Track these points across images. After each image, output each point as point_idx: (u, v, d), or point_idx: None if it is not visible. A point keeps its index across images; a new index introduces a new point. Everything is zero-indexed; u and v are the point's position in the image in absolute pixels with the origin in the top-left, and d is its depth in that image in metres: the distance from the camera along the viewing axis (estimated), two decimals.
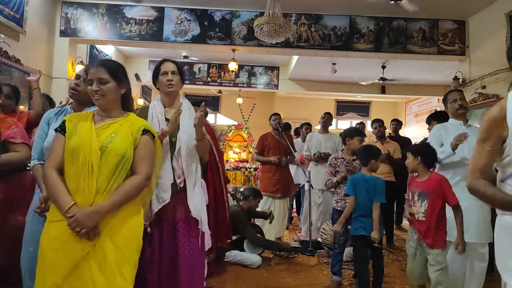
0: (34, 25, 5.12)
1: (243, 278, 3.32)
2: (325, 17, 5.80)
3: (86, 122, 1.64)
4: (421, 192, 2.49)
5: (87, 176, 1.52)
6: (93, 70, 1.67)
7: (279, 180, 4.54)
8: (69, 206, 1.48)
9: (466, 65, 5.76)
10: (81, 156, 1.53)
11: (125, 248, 1.56)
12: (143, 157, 1.65)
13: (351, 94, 9.91)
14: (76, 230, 1.46)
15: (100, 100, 1.65)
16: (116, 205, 1.54)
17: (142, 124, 1.71)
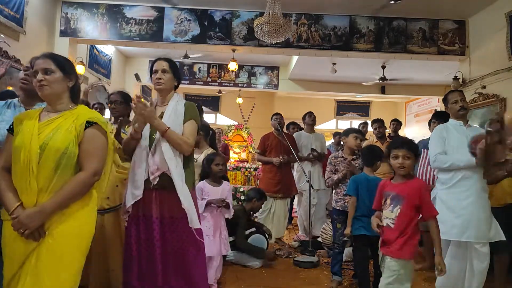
0: (34, 25, 5.12)
1: (243, 278, 3.32)
2: (325, 17, 5.80)
3: (31, 120, 1.58)
4: (396, 196, 2.20)
5: (28, 176, 1.48)
6: (39, 60, 1.63)
7: (280, 180, 4.54)
8: (13, 208, 1.47)
9: (466, 65, 5.76)
10: (22, 155, 1.49)
11: (68, 249, 1.51)
12: (89, 152, 1.57)
13: (351, 94, 9.91)
14: (19, 231, 1.44)
15: (44, 91, 1.59)
16: (59, 204, 1.49)
17: (88, 116, 1.61)
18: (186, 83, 8.74)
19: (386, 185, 2.31)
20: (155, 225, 2.05)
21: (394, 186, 2.25)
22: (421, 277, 3.52)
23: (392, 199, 2.20)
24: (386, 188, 2.28)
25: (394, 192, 2.21)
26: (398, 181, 2.25)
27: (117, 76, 7.92)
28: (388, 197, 2.23)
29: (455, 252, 2.68)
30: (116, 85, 7.45)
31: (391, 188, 2.25)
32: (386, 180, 2.35)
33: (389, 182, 2.31)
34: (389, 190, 2.25)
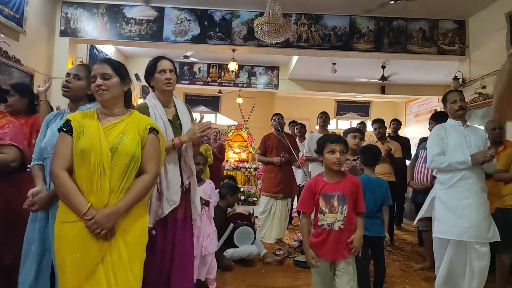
0: (34, 25, 5.12)
1: (243, 278, 3.33)
2: (325, 17, 5.80)
3: (93, 122, 1.63)
4: (341, 196, 2.11)
5: (99, 177, 1.53)
6: (97, 66, 1.69)
7: (281, 180, 4.54)
8: (86, 208, 1.49)
9: (466, 65, 5.76)
10: (93, 158, 1.53)
11: (136, 246, 1.61)
12: (151, 156, 1.67)
13: (351, 94, 9.91)
14: (96, 232, 1.48)
15: (104, 95, 1.65)
16: (131, 205, 1.57)
17: (147, 122, 1.72)
18: (186, 83, 8.74)
19: (320, 185, 2.16)
20: (178, 226, 2.13)
21: (334, 186, 2.14)
22: (421, 277, 3.52)
23: (339, 199, 2.11)
24: (324, 188, 2.14)
25: (339, 192, 2.11)
26: (335, 179, 2.16)
27: None
28: (333, 199, 2.11)
29: (455, 252, 2.69)
30: None
31: (332, 188, 2.13)
32: (317, 180, 2.19)
33: (322, 181, 2.17)
34: (330, 190, 2.12)
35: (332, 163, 2.12)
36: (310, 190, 2.18)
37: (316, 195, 2.15)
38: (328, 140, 2.16)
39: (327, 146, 2.14)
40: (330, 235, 2.12)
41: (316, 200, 2.15)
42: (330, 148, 2.13)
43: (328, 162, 2.14)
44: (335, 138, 2.18)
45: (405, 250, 4.59)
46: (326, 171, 2.20)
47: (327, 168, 2.18)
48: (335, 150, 2.11)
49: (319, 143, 2.19)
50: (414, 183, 3.89)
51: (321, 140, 2.20)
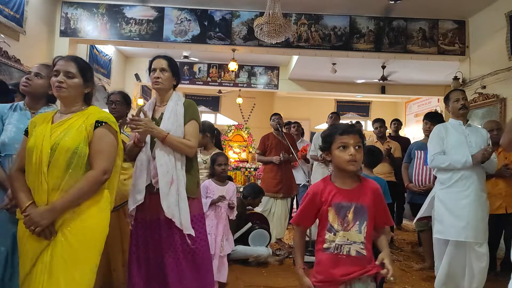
0: (34, 25, 5.12)
1: (243, 278, 3.32)
2: (325, 17, 5.80)
3: (44, 122, 1.64)
4: (359, 208, 1.54)
5: (40, 176, 1.53)
6: (62, 62, 1.66)
7: (280, 180, 4.53)
8: (25, 206, 1.52)
9: (466, 65, 5.76)
10: (34, 156, 1.55)
11: (81, 248, 1.53)
12: (99, 151, 1.61)
13: (351, 94, 9.91)
14: (30, 229, 1.48)
15: (61, 93, 1.63)
16: (70, 203, 1.52)
17: (97, 116, 1.65)
18: (186, 83, 8.74)
19: (329, 192, 1.57)
20: (161, 227, 2.05)
21: (349, 194, 1.56)
22: (421, 277, 3.52)
23: (356, 213, 1.53)
24: (336, 197, 1.55)
25: (357, 203, 1.54)
26: (350, 185, 1.58)
27: (117, 76, 7.92)
28: (348, 212, 1.53)
29: (454, 252, 2.69)
30: (116, 85, 7.46)
31: (347, 197, 1.55)
32: (324, 185, 1.61)
33: (333, 187, 1.58)
34: (344, 200, 1.55)
35: (345, 162, 1.52)
36: (314, 199, 1.59)
37: (323, 206, 1.57)
38: (336, 131, 1.56)
39: (336, 140, 1.55)
40: (339, 263, 1.52)
41: (323, 212, 1.56)
42: (341, 142, 1.54)
43: (339, 162, 1.55)
44: (346, 128, 1.57)
45: (405, 250, 4.59)
46: (337, 174, 1.60)
47: (338, 170, 1.59)
48: (348, 144, 1.52)
49: (325, 135, 1.62)
50: (413, 186, 3.87)
51: (327, 132, 1.62)
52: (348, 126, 1.58)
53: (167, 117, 2.09)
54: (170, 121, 2.07)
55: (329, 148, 1.59)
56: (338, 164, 1.57)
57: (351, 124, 1.69)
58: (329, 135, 1.60)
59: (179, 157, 2.06)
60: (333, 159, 1.59)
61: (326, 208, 1.56)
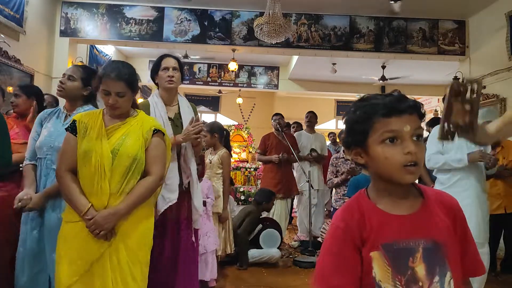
0: (34, 25, 5.12)
1: (243, 278, 3.33)
2: (325, 17, 5.80)
3: (97, 123, 1.63)
4: (431, 248, 0.85)
5: (100, 179, 1.54)
6: (112, 82, 1.61)
7: (280, 180, 4.52)
8: (86, 208, 1.51)
9: (466, 65, 5.76)
10: (93, 159, 1.54)
11: (137, 249, 1.59)
12: (156, 158, 1.66)
13: (351, 94, 9.90)
14: (95, 232, 1.49)
15: (117, 112, 1.66)
16: (132, 207, 1.57)
17: (152, 124, 1.71)
18: (186, 83, 8.73)
19: (372, 224, 0.87)
20: (182, 226, 2.12)
21: (408, 223, 0.87)
22: None
23: (429, 260, 0.84)
24: (383, 233, 0.86)
25: (425, 239, 0.85)
26: (408, 206, 0.89)
27: None
28: (413, 258, 0.84)
29: None
30: None
31: (406, 231, 0.86)
32: (360, 209, 0.90)
33: (377, 214, 0.88)
34: (400, 237, 0.85)
35: (397, 167, 0.84)
36: (346, 237, 0.87)
37: (364, 251, 0.86)
38: (377, 109, 0.86)
39: (377, 127, 0.86)
40: None
41: (367, 261, 0.85)
42: (388, 131, 0.85)
43: (385, 167, 0.86)
44: (395, 103, 0.86)
45: None
46: (380, 188, 0.91)
47: (382, 181, 0.90)
48: (402, 133, 0.85)
49: (353, 120, 0.91)
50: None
51: (358, 113, 0.90)
52: (397, 100, 0.86)
53: (186, 118, 2.16)
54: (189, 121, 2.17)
55: (363, 142, 0.88)
56: (383, 171, 0.87)
57: (400, 94, 0.90)
58: (362, 119, 0.88)
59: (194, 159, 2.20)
60: (370, 162, 0.89)
61: (368, 254, 0.85)
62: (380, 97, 0.90)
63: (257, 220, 3.82)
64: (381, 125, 0.86)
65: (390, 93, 0.92)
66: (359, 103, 0.92)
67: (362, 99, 0.93)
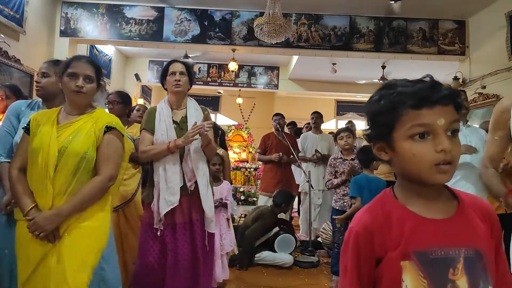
0: (34, 25, 5.12)
1: (243, 278, 3.33)
2: (325, 17, 5.80)
3: (49, 121, 1.57)
4: (472, 258, 0.74)
5: (45, 178, 1.48)
6: (82, 64, 1.60)
7: (280, 180, 4.50)
8: (28, 208, 1.47)
9: (466, 65, 5.76)
10: (40, 158, 1.49)
11: (82, 253, 1.51)
12: (106, 156, 1.58)
13: (351, 94, 9.91)
14: (35, 233, 1.44)
15: (81, 98, 1.59)
16: (76, 208, 1.49)
17: (107, 121, 1.62)
18: None
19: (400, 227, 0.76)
20: (195, 228, 2.13)
21: (445, 228, 0.76)
22: None
23: (471, 271, 0.73)
24: (415, 238, 0.75)
25: (468, 249, 0.75)
26: (442, 209, 0.79)
27: (117, 76, 7.92)
28: (454, 268, 0.73)
29: None
30: (116, 85, 7.45)
31: (443, 237, 0.75)
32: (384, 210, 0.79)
33: (409, 216, 0.77)
34: (437, 244, 0.74)
35: (427, 165, 0.74)
36: (363, 244, 0.79)
37: (389, 259, 0.76)
38: (405, 99, 0.75)
39: (405, 119, 0.75)
40: None
41: (394, 271, 0.74)
42: (418, 125, 0.74)
43: (413, 165, 0.76)
44: (426, 91, 0.74)
45: None
46: (409, 188, 0.81)
47: (410, 182, 0.80)
48: (435, 127, 0.73)
49: (377, 110, 0.79)
50: None
51: (383, 102, 0.78)
52: (429, 87, 0.75)
53: (192, 121, 2.14)
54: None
55: (387, 136, 0.78)
56: (411, 170, 0.77)
57: (432, 81, 0.77)
58: (387, 110, 0.77)
59: (206, 161, 2.19)
60: (395, 159, 0.79)
61: (396, 263, 0.74)
62: (409, 83, 0.77)
63: (270, 225, 3.82)
64: (410, 117, 0.74)
65: (421, 79, 0.78)
66: (384, 91, 0.79)
67: (388, 86, 0.80)
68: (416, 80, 0.78)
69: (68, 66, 1.59)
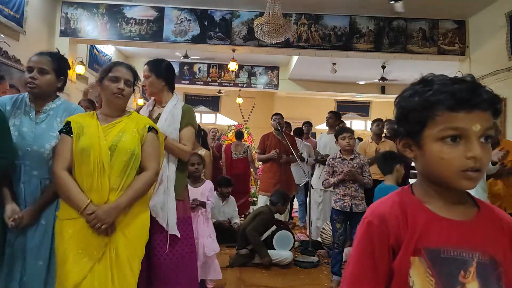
0: (34, 25, 5.12)
1: (243, 278, 3.33)
2: (325, 17, 5.80)
3: (92, 122, 1.67)
4: (485, 265, 0.71)
5: (99, 175, 1.56)
6: (123, 69, 1.72)
7: (279, 179, 4.49)
8: (86, 204, 1.53)
9: (466, 65, 5.76)
10: (92, 156, 1.57)
11: (136, 243, 1.64)
12: (151, 153, 1.71)
13: (351, 94, 9.92)
14: (96, 226, 1.51)
15: (122, 101, 1.71)
16: (132, 201, 1.61)
17: (146, 122, 1.76)
18: (186, 83, 8.74)
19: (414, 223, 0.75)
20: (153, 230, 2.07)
21: (462, 230, 0.74)
22: None
23: (484, 275, 0.71)
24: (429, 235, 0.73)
25: (482, 254, 0.72)
26: (463, 212, 0.76)
27: None
28: (466, 271, 0.71)
29: None
30: None
31: (458, 238, 0.73)
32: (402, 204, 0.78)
33: (426, 214, 0.75)
34: (451, 244, 0.72)
35: (455, 170, 0.71)
36: (380, 234, 0.76)
37: (400, 254, 0.74)
38: (441, 99, 0.71)
39: (438, 120, 0.72)
40: None
41: (402, 267, 0.73)
42: (451, 128, 0.72)
43: (442, 168, 0.73)
44: (463, 94, 0.70)
45: None
46: (430, 187, 0.78)
47: (433, 182, 0.77)
48: (468, 132, 0.71)
49: (410, 106, 0.76)
50: None
51: (416, 99, 0.75)
52: (469, 89, 0.71)
53: (164, 118, 2.10)
54: (167, 122, 2.09)
55: (417, 134, 0.76)
56: (436, 172, 0.74)
57: (473, 82, 0.73)
58: (421, 107, 0.73)
59: (173, 159, 2.07)
60: (421, 158, 0.77)
61: (406, 258, 0.73)
62: (447, 81, 0.72)
63: (269, 221, 3.82)
64: (444, 119, 0.71)
65: (461, 78, 0.73)
66: (419, 87, 0.75)
67: (424, 82, 0.75)
68: (455, 78, 0.74)
69: (110, 71, 1.70)
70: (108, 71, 1.71)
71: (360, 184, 3.20)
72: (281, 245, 3.77)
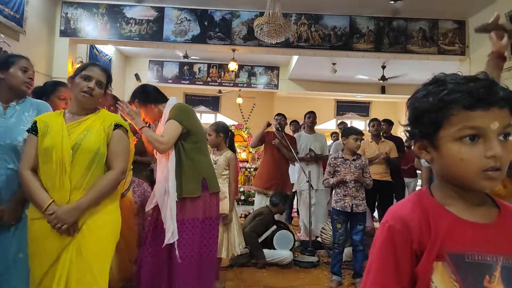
0: (34, 25, 5.12)
1: (243, 278, 3.33)
2: (325, 17, 5.80)
3: (57, 121, 1.65)
4: (510, 266, 0.69)
5: (61, 174, 1.56)
6: (98, 71, 1.71)
7: (274, 176, 4.38)
8: (47, 204, 1.53)
9: (466, 65, 5.76)
10: (54, 155, 1.56)
11: (102, 244, 1.60)
12: (117, 152, 1.68)
13: (351, 94, 9.92)
14: (57, 226, 1.51)
15: (89, 100, 1.67)
16: (94, 201, 1.58)
17: (113, 119, 1.72)
18: (186, 83, 8.74)
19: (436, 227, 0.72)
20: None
21: (484, 233, 0.72)
22: None
23: (509, 282, 0.68)
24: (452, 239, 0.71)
25: (508, 258, 0.70)
26: (484, 214, 0.74)
27: (117, 76, 7.91)
28: (491, 275, 0.69)
29: None
30: (116, 85, 7.45)
31: (481, 242, 0.71)
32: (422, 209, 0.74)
33: (448, 216, 0.73)
34: (474, 248, 0.70)
35: (475, 170, 0.69)
36: (403, 239, 0.73)
37: (423, 259, 0.72)
38: (457, 97, 0.69)
39: (454, 119, 0.70)
40: None
41: (425, 272, 0.71)
42: (469, 127, 0.69)
43: (459, 168, 0.71)
44: (480, 91, 0.68)
45: None
46: (451, 189, 0.75)
47: (450, 184, 0.75)
48: (486, 130, 0.69)
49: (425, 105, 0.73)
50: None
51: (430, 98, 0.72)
52: (485, 87, 0.69)
53: (162, 122, 2.21)
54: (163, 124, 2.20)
55: (432, 135, 0.74)
56: (456, 174, 0.72)
57: (488, 79, 0.71)
58: (436, 108, 0.72)
59: (172, 165, 2.12)
60: (438, 160, 0.75)
61: (429, 263, 0.71)
62: (461, 80, 0.71)
63: (269, 221, 3.83)
64: (461, 118, 0.69)
65: (476, 76, 0.72)
66: (432, 87, 0.73)
67: (437, 81, 0.74)
68: (469, 77, 0.72)
69: (84, 69, 1.70)
70: (82, 69, 1.70)
71: (363, 185, 3.21)
72: (281, 245, 3.78)
